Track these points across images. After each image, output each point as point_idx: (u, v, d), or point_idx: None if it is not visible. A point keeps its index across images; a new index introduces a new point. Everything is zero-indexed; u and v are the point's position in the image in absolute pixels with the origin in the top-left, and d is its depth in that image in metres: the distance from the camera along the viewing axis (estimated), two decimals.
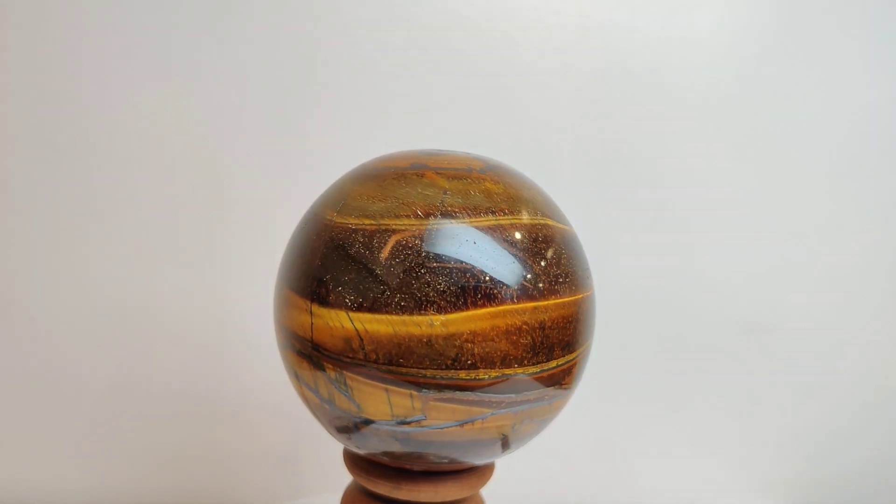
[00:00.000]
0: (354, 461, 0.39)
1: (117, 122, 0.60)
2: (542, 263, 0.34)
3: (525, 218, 0.34)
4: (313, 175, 0.58)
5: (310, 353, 0.34)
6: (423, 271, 0.32)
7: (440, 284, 0.31)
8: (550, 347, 0.33)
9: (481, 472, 0.39)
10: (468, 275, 0.32)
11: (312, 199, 0.40)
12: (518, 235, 0.33)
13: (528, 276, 0.33)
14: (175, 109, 0.61)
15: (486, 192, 0.34)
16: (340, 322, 0.32)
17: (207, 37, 0.60)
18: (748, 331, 0.70)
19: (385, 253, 0.32)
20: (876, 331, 0.71)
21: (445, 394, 0.32)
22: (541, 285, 0.33)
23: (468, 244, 0.32)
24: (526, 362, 0.33)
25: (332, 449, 0.59)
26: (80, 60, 0.60)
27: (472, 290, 0.32)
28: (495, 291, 0.32)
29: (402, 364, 0.32)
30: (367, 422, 0.34)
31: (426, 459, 0.35)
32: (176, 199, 0.62)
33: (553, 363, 0.34)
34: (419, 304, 0.31)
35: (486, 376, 0.32)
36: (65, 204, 0.61)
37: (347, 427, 0.35)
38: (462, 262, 0.32)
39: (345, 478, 0.44)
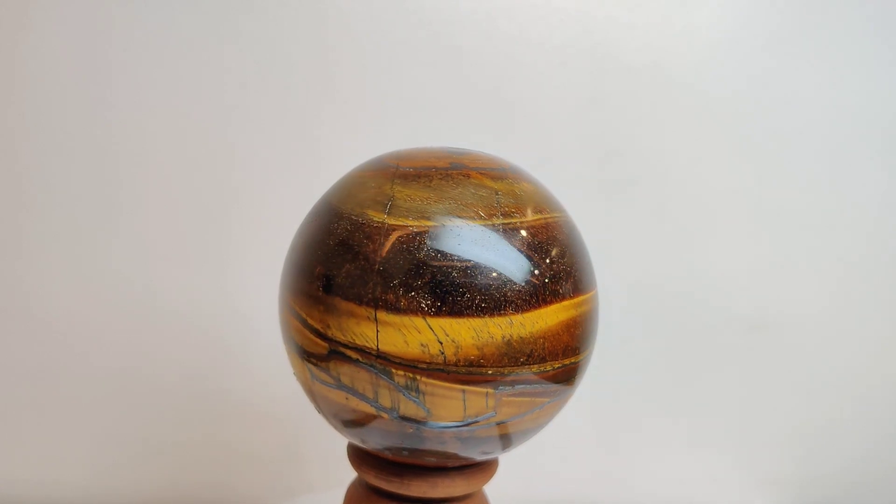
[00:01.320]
0: (380, 466, 0.38)
1: (125, 118, 0.61)
2: (580, 258, 0.36)
3: (560, 216, 0.36)
4: (316, 170, 0.56)
5: (372, 362, 0.32)
6: (488, 271, 0.32)
7: (515, 283, 0.32)
8: (588, 337, 0.36)
9: (491, 463, 0.40)
10: (536, 272, 0.33)
11: (315, 193, 0.38)
12: (564, 233, 0.35)
13: (577, 270, 0.35)
14: (181, 105, 0.62)
15: (526, 192, 0.36)
16: (416, 328, 0.32)
17: (214, 34, 0.61)
18: (748, 328, 0.70)
19: (468, 254, 0.32)
20: (875, 328, 0.71)
21: (518, 388, 0.33)
22: (584, 279, 0.36)
23: (532, 242, 0.34)
24: (578, 352, 0.35)
25: (336, 445, 0.55)
26: (88, 58, 0.60)
27: (541, 286, 0.33)
28: (558, 287, 0.34)
29: (482, 365, 0.32)
30: (434, 425, 0.33)
31: (471, 457, 0.36)
32: (181, 194, 0.63)
33: (588, 350, 0.37)
34: (498, 305, 0.32)
35: (551, 367, 0.34)
36: (70, 199, 0.62)
37: (404, 434, 0.34)
38: (531, 259, 0.33)
39: (348, 474, 0.43)
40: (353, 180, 0.36)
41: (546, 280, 0.33)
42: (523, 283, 0.32)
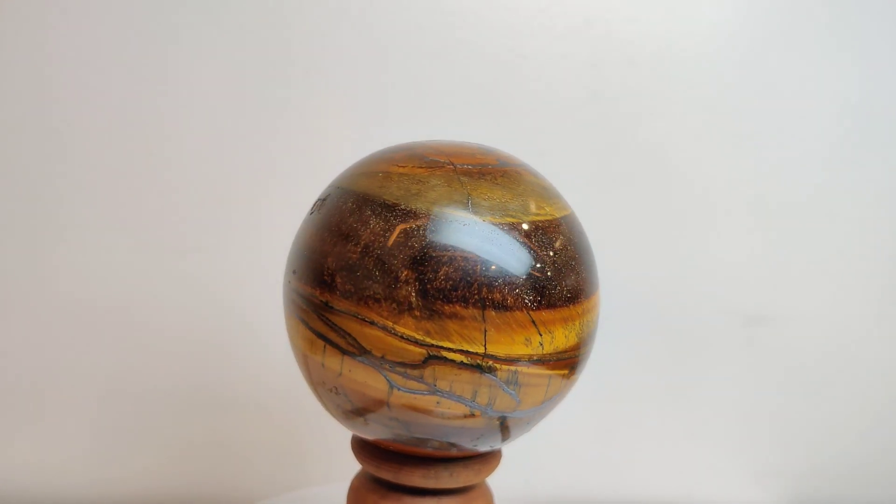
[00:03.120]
0: (427, 465, 0.37)
1: (121, 114, 0.62)
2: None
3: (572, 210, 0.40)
4: (315, 166, 0.55)
5: (478, 362, 0.32)
6: (573, 263, 0.35)
7: (583, 273, 0.35)
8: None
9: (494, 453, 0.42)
10: (589, 261, 0.36)
11: (314, 190, 0.38)
12: (579, 224, 0.39)
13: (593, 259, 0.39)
14: (178, 101, 0.62)
15: (553, 188, 0.38)
16: (520, 323, 0.32)
17: (210, 27, 0.61)
18: (748, 321, 0.69)
19: (556, 248, 0.34)
20: (875, 322, 0.70)
21: (579, 367, 0.36)
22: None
23: (579, 232, 0.37)
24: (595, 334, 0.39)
25: (337, 439, 0.51)
26: (79, 52, 0.61)
27: (592, 274, 0.37)
28: (593, 276, 0.38)
29: (567, 350, 0.34)
30: (520, 414, 0.34)
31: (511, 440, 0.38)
32: (179, 190, 0.63)
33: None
34: (576, 295, 0.35)
35: (588, 348, 0.38)
36: (67, 196, 0.63)
37: (490, 427, 0.34)
38: (587, 250, 0.36)
39: (349, 468, 0.42)
40: (399, 176, 0.34)
41: (593, 268, 0.37)
42: (586, 273, 0.36)
